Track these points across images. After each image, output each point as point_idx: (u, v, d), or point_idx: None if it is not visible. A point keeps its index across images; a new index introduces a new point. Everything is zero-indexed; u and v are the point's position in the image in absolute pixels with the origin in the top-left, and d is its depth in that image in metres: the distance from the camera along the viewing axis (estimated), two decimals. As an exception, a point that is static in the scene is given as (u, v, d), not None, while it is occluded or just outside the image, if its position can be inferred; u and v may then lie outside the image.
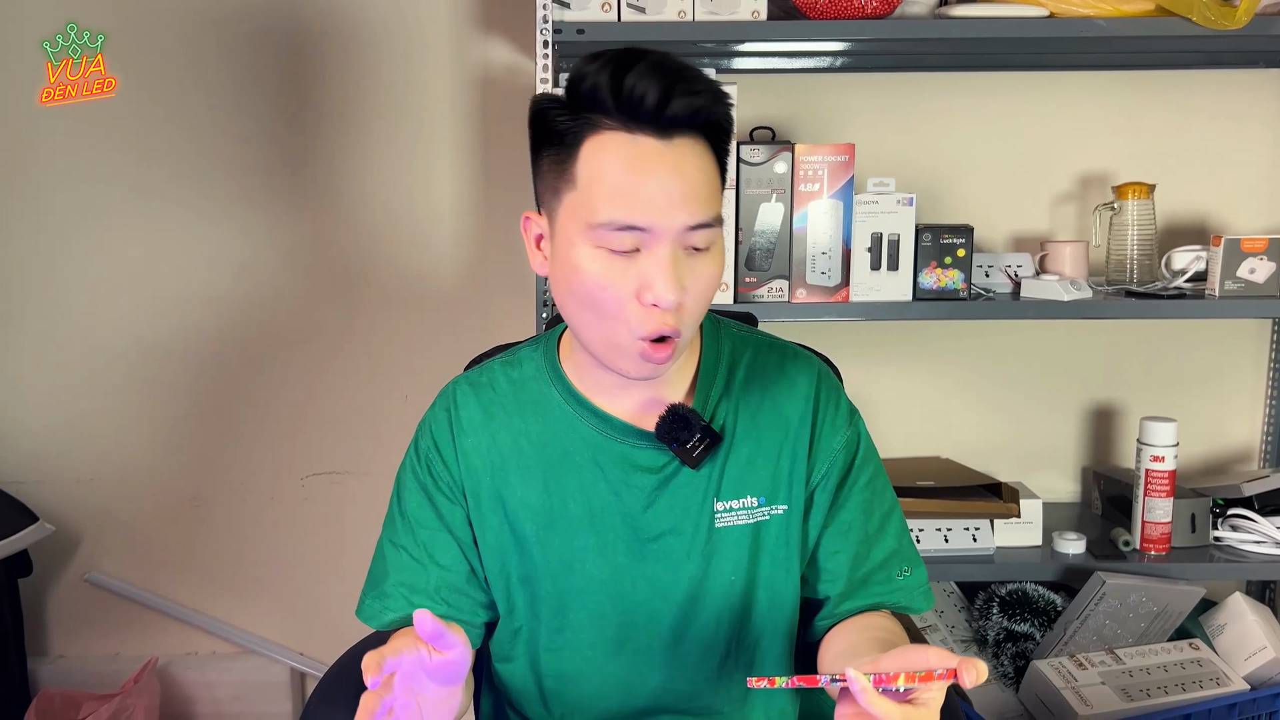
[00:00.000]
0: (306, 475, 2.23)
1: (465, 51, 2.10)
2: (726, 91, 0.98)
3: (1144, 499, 1.90)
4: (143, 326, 2.17)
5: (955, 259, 1.84)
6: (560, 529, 1.08)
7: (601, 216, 0.94)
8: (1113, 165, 2.11)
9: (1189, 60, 2.06)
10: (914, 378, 2.17)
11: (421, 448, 1.13)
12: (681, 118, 0.94)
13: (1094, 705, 1.70)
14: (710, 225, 0.97)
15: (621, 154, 0.94)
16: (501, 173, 2.13)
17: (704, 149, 0.97)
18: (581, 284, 0.97)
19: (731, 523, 1.08)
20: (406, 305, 2.17)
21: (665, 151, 0.94)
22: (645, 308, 0.96)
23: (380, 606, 1.11)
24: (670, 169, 0.94)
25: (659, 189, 0.94)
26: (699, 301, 0.99)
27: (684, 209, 0.94)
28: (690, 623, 1.09)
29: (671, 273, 0.94)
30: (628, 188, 0.94)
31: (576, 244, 0.97)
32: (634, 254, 0.95)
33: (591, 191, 0.95)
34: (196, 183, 2.13)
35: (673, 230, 0.95)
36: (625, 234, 0.94)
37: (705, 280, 0.99)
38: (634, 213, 0.94)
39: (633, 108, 0.93)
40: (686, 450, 1.05)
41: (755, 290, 1.83)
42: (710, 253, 0.99)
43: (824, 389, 1.13)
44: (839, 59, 2.02)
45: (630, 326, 0.96)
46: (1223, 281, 1.87)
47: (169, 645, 2.26)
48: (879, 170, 1.93)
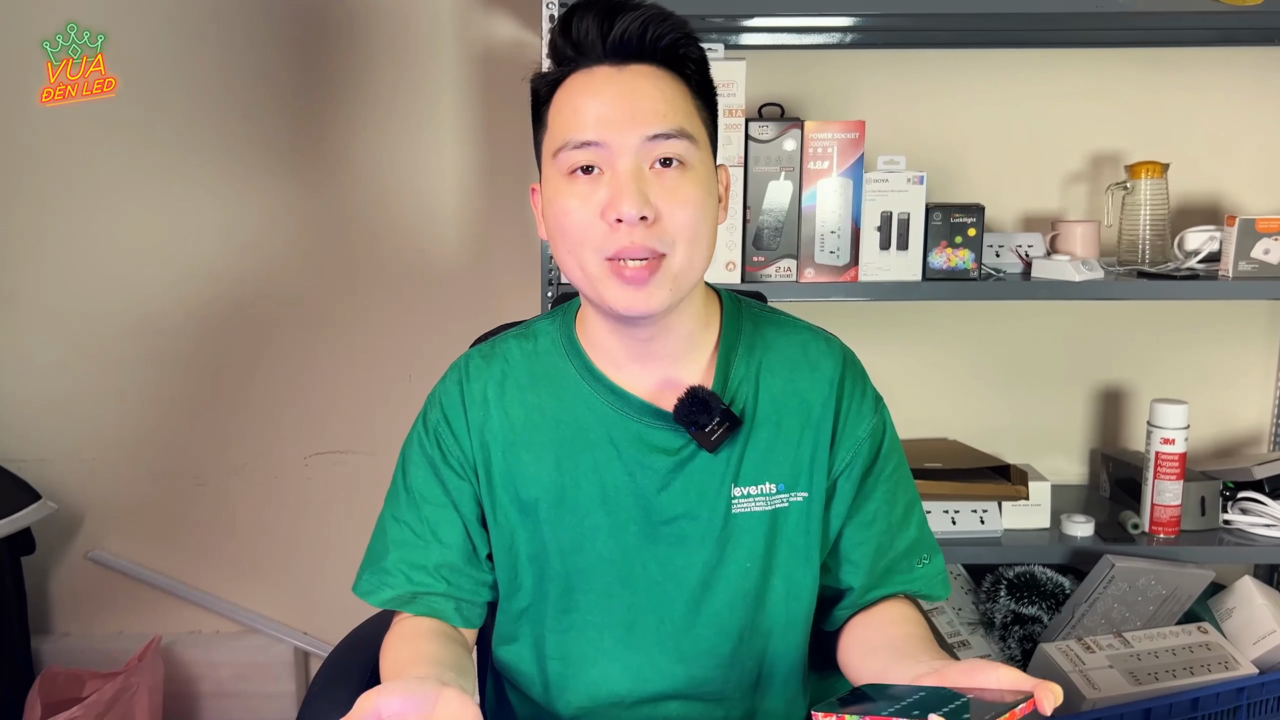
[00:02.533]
0: (310, 454, 2.22)
1: (469, 27, 2.07)
2: (674, 15, 0.99)
3: (1153, 482, 1.89)
4: (146, 306, 2.15)
5: (966, 238, 1.82)
6: (571, 507, 1.06)
7: (560, 140, 0.98)
8: (1125, 144, 2.08)
9: (1204, 37, 2.03)
10: (923, 359, 2.15)
11: (430, 421, 1.10)
12: (624, 44, 0.97)
13: (1102, 689, 1.69)
14: (673, 136, 0.97)
15: (577, 85, 0.99)
16: (506, 149, 2.11)
17: (665, 74, 0.99)
18: (555, 215, 0.99)
19: (749, 509, 1.06)
20: (410, 284, 2.16)
21: (616, 75, 0.98)
22: (612, 227, 0.96)
23: (378, 582, 1.09)
24: (622, 88, 0.97)
25: (609, 105, 0.96)
26: (680, 222, 0.97)
27: (635, 120, 0.96)
28: (702, 609, 1.07)
29: (631, 185, 0.95)
30: (580, 108, 0.98)
31: (550, 179, 1.00)
32: (598, 175, 0.97)
33: (555, 124, 1.00)
34: (199, 161, 2.11)
35: (629, 144, 0.96)
36: (581, 151, 0.97)
37: (682, 197, 0.97)
38: (588, 128, 0.96)
39: (582, 46, 0.98)
40: (705, 434, 1.03)
41: (763, 269, 1.81)
42: (688, 170, 0.98)
43: (849, 374, 1.11)
44: (849, 35, 1.99)
45: (597, 248, 0.97)
46: (1236, 262, 1.84)
47: (172, 624, 2.26)
48: (889, 148, 1.90)
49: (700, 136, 1.00)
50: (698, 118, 1.01)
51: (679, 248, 0.97)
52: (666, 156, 0.97)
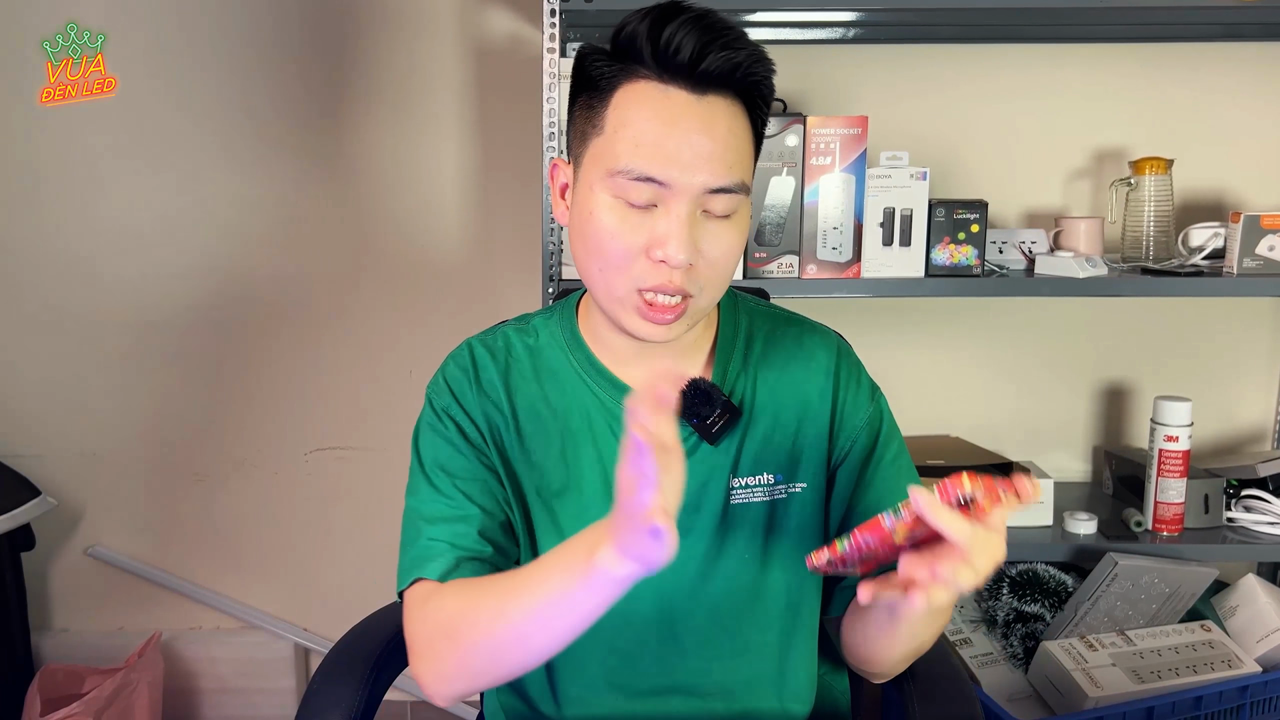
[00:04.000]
0: (310, 450, 2.22)
1: (470, 21, 2.06)
2: (767, 54, 0.96)
3: (1157, 479, 1.88)
4: (145, 300, 2.15)
5: (969, 235, 1.81)
6: (574, 499, 1.06)
7: (622, 163, 0.93)
8: (1129, 140, 2.07)
9: (1208, 32, 2.02)
10: (925, 356, 2.14)
11: (439, 405, 1.08)
12: (717, 74, 0.92)
13: (1104, 687, 1.68)
14: (734, 191, 0.94)
15: (651, 103, 0.93)
16: (506, 144, 2.10)
17: (739, 111, 0.95)
18: (594, 232, 0.95)
19: (747, 500, 1.07)
20: (411, 279, 2.15)
21: (696, 106, 0.92)
22: (653, 263, 0.93)
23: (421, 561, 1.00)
24: (699, 124, 0.92)
25: (684, 143, 0.92)
26: (716, 270, 0.96)
27: (707, 168, 0.92)
28: (703, 600, 1.07)
29: (685, 231, 0.92)
30: (652, 137, 0.92)
31: (595, 190, 0.95)
32: (650, 210, 0.93)
33: (616, 137, 0.94)
34: (200, 160, 2.11)
35: (693, 189, 0.92)
36: (643, 186, 0.92)
37: (724, 248, 0.96)
38: (655, 164, 0.92)
39: (668, 59, 0.91)
40: (706, 426, 1.03)
41: (765, 266, 1.80)
42: (732, 221, 0.96)
43: (844, 365, 1.11)
44: (852, 30, 1.98)
45: (632, 278, 0.94)
46: (1241, 259, 1.83)
47: (172, 620, 2.26)
48: (892, 144, 1.89)
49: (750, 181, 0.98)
50: (752, 160, 0.98)
51: (707, 291, 0.97)
52: (719, 213, 0.95)
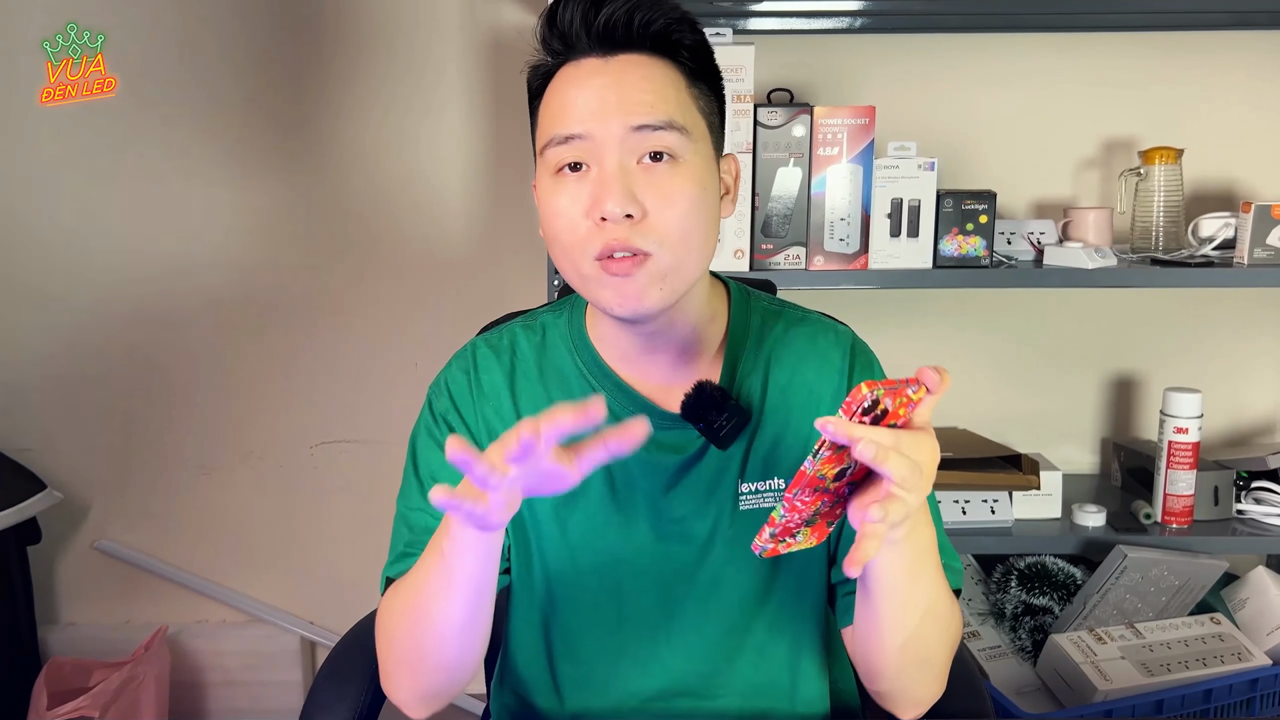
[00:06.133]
0: (316, 443, 2.22)
1: (476, 14, 2.05)
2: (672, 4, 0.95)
3: (1166, 471, 1.87)
4: (151, 293, 2.15)
5: (977, 225, 1.80)
6: (581, 504, 1.04)
7: (545, 135, 0.95)
8: (1139, 129, 2.06)
9: (1218, 21, 2.00)
10: (933, 347, 2.13)
11: (437, 409, 1.07)
12: (610, 32, 0.93)
13: (1113, 680, 1.68)
14: (660, 128, 0.92)
15: (564, 78, 0.96)
16: (512, 138, 2.09)
17: (657, 62, 0.95)
18: (549, 218, 0.95)
19: (757, 505, 1.04)
20: (416, 272, 2.14)
21: (604, 66, 0.94)
22: (599, 226, 0.92)
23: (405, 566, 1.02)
24: (608, 78, 0.94)
25: (593, 96, 0.93)
26: (670, 222, 0.92)
27: (619, 110, 0.92)
28: (711, 606, 1.05)
29: (616, 181, 0.91)
30: (565, 101, 0.94)
31: (541, 182, 0.97)
32: (584, 173, 0.93)
33: (542, 121, 0.97)
34: (202, 159, 2.10)
35: (613, 136, 0.92)
36: (565, 146, 0.93)
37: (671, 193, 0.92)
38: (570, 121, 0.93)
39: (568, 38, 0.95)
40: (714, 430, 1.00)
41: (772, 257, 1.79)
42: (679, 164, 0.93)
43: (859, 364, 1.08)
44: (859, 19, 1.97)
45: (587, 249, 0.93)
46: (1252, 249, 1.82)
47: (179, 613, 2.26)
48: (899, 134, 1.88)
49: (696, 127, 0.95)
50: (694, 108, 0.96)
51: (666, 247, 0.93)
52: (656, 150, 0.92)
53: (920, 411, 0.79)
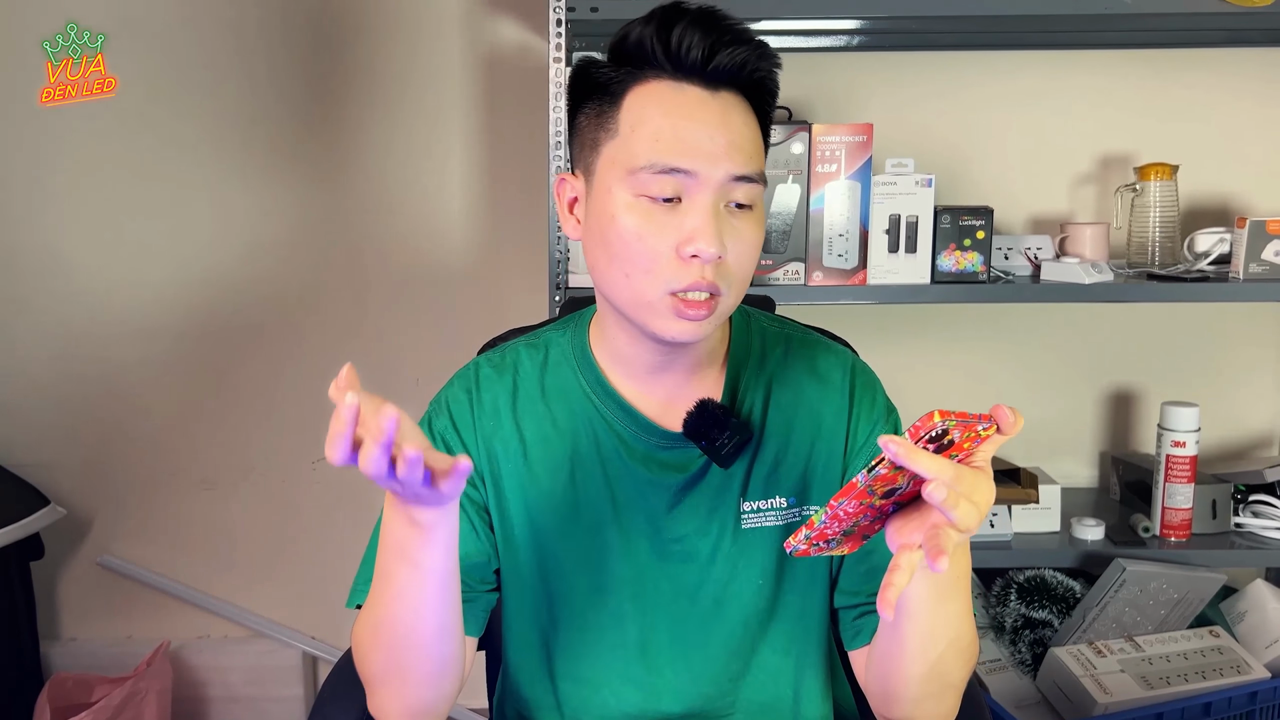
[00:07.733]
0: (318, 458, 2.22)
1: (475, 31, 2.07)
2: (773, 49, 0.96)
3: (1164, 485, 1.88)
4: (152, 309, 2.15)
5: (975, 241, 1.82)
6: (583, 525, 1.04)
7: (643, 159, 0.92)
8: (1134, 145, 2.08)
9: (1213, 38, 2.02)
10: (932, 362, 2.14)
11: (437, 428, 1.06)
12: (727, 70, 0.93)
13: (1113, 693, 1.68)
14: (754, 180, 0.94)
15: (667, 100, 0.93)
16: (512, 153, 2.10)
17: (748, 108, 0.96)
18: (618, 235, 0.93)
19: (759, 524, 1.04)
20: (417, 288, 2.15)
21: (711, 101, 0.93)
22: (684, 260, 0.92)
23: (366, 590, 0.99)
24: (716, 118, 0.93)
25: (704, 134, 0.92)
26: (741, 264, 0.95)
27: (729, 157, 0.92)
28: (715, 626, 1.05)
29: (714, 224, 0.91)
30: (672, 131, 0.92)
31: (614, 193, 0.94)
32: (674, 205, 0.92)
33: (634, 136, 0.93)
34: (202, 163, 2.11)
35: (716, 178, 0.92)
36: (668, 178, 0.92)
37: (747, 241, 0.95)
38: (678, 155, 0.91)
39: (679, 58, 0.92)
40: (716, 448, 1.00)
41: (771, 273, 1.81)
42: (753, 213, 0.96)
43: (859, 385, 1.08)
44: (856, 37, 1.99)
45: (664, 280, 0.92)
46: (1247, 264, 1.83)
47: (181, 628, 2.26)
48: (897, 151, 1.90)
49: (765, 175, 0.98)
50: (763, 157, 0.98)
51: (733, 289, 0.95)
52: (742, 202, 0.94)
53: (985, 449, 0.78)
